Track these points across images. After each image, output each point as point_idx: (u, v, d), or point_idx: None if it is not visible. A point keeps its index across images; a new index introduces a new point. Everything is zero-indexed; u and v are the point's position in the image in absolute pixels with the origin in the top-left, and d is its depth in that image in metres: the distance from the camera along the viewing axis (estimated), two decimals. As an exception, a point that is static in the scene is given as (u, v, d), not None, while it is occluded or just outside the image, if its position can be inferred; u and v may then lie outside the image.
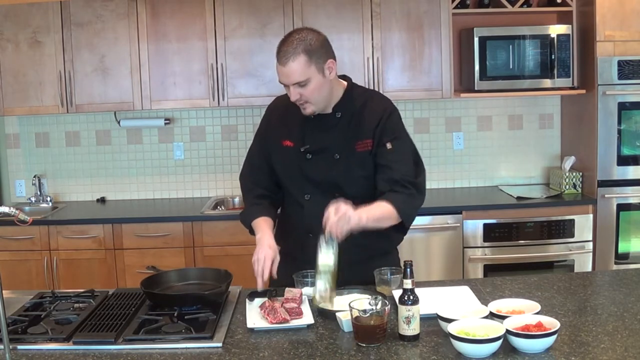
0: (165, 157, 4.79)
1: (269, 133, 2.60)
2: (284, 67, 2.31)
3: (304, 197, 2.49)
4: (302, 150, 2.48)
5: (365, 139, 2.46)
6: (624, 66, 4.12)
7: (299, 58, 2.29)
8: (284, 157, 2.53)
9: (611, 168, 4.21)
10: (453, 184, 4.79)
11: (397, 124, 2.51)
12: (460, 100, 4.68)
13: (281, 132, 2.54)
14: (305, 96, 2.35)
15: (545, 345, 1.85)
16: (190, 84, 4.36)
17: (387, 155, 2.43)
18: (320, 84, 2.36)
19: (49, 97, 4.36)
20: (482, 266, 4.19)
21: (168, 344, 2.00)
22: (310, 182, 2.49)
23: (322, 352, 1.92)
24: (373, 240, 2.45)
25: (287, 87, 2.37)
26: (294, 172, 2.51)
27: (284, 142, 2.52)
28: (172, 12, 4.30)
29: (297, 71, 2.30)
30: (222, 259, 4.00)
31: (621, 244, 4.23)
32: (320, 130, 2.48)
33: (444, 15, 4.30)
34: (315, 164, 2.48)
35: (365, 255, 2.50)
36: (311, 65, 2.31)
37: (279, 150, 2.54)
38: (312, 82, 2.33)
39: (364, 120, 2.47)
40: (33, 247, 4.16)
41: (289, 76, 2.32)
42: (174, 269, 2.58)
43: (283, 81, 2.36)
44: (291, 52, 2.29)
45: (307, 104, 2.39)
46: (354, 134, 2.47)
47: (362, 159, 2.46)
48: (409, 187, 2.41)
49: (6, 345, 1.80)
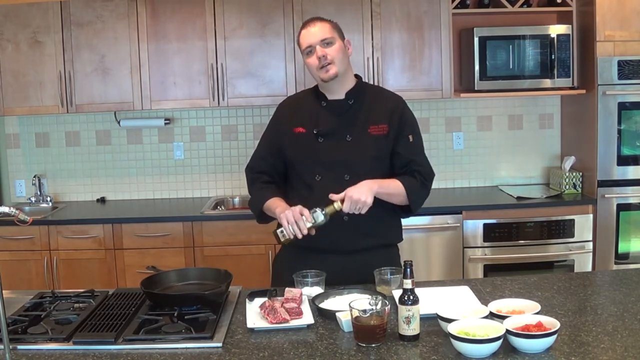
0: (165, 157, 4.79)
1: (280, 126, 2.67)
2: (313, 27, 2.53)
3: (315, 179, 2.54)
4: (315, 133, 2.57)
5: (380, 123, 2.58)
6: (624, 66, 4.12)
7: (324, 23, 2.56)
8: (296, 143, 2.61)
9: (611, 168, 4.21)
10: (453, 184, 4.79)
11: (414, 119, 2.68)
12: (460, 100, 4.68)
13: (293, 121, 2.63)
14: (330, 55, 2.51)
15: (545, 345, 1.85)
16: (190, 84, 4.36)
17: (409, 147, 2.60)
18: (343, 50, 2.56)
19: (49, 97, 4.36)
20: (482, 266, 4.19)
21: (168, 344, 2.00)
22: (321, 163, 2.55)
23: (322, 352, 1.92)
24: (376, 230, 2.56)
25: (311, 53, 2.52)
26: (306, 155, 2.58)
27: (296, 130, 2.61)
28: (172, 12, 4.30)
29: (324, 30, 2.53)
30: (222, 259, 4.00)
31: (621, 244, 4.23)
32: (333, 115, 2.59)
33: (444, 15, 4.30)
34: (327, 145, 2.56)
35: (368, 244, 2.56)
36: (335, 31, 2.56)
37: (291, 137, 2.62)
38: (336, 43, 2.54)
39: (377, 108, 2.61)
40: (33, 247, 4.16)
41: (316, 34, 2.52)
42: (174, 269, 2.58)
43: (310, 41, 2.52)
44: (317, 20, 2.56)
45: (330, 65, 2.52)
46: (366, 118, 2.58)
47: (376, 140, 2.57)
48: (425, 179, 2.60)
49: (6, 345, 1.80)
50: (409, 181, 2.55)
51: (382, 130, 2.57)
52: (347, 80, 2.60)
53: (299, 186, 2.61)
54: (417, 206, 2.62)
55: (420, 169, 2.59)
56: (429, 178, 2.61)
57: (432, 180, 2.64)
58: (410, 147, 2.59)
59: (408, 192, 2.53)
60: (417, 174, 2.57)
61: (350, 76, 2.62)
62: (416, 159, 2.59)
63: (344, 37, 2.60)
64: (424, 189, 2.60)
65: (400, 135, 2.58)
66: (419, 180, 2.57)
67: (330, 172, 2.52)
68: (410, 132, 2.60)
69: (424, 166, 2.61)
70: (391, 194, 2.53)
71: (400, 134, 2.58)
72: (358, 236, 2.54)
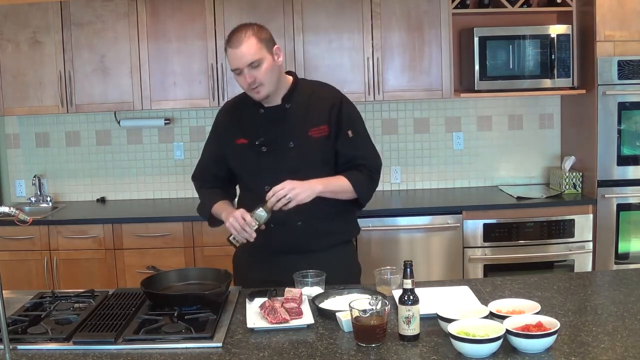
0: (165, 157, 4.79)
1: (221, 135, 2.69)
2: (237, 50, 2.43)
3: (264, 189, 2.50)
4: (256, 144, 2.56)
5: (320, 125, 2.56)
6: (624, 66, 4.12)
7: (250, 40, 2.43)
8: (239, 155, 2.61)
9: (611, 168, 4.21)
10: (453, 184, 4.79)
11: (353, 110, 2.64)
12: (460, 100, 4.68)
13: (233, 131, 2.62)
14: (259, 78, 2.45)
15: (545, 345, 1.85)
16: (190, 84, 4.36)
17: (349, 143, 2.57)
18: (271, 66, 2.47)
19: (49, 97, 4.36)
20: (482, 266, 4.19)
21: (168, 344, 2.00)
22: (268, 174, 2.54)
23: (322, 352, 1.92)
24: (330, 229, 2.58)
25: (240, 74, 2.47)
26: (252, 167, 2.59)
27: (238, 141, 2.60)
28: (172, 12, 4.30)
29: (249, 52, 2.42)
30: (222, 259, 3.97)
31: (621, 244, 4.23)
32: (272, 123, 2.57)
33: (444, 15, 4.30)
34: (271, 155, 2.56)
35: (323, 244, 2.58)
36: (262, 47, 2.45)
37: (234, 149, 2.62)
38: (264, 63, 2.45)
39: (315, 108, 2.58)
40: (33, 247, 4.16)
41: (242, 57, 2.43)
42: (174, 269, 2.58)
43: (236, 64, 2.45)
44: (242, 37, 2.43)
45: (260, 87, 2.48)
46: (306, 122, 2.56)
47: (319, 143, 2.55)
48: (371, 171, 2.60)
49: (6, 345, 1.80)
50: (355, 176, 2.55)
51: (322, 132, 2.55)
52: (280, 88, 2.56)
53: (250, 195, 2.62)
54: (366, 200, 2.63)
55: (366, 162, 2.58)
56: (375, 169, 2.61)
57: (379, 170, 2.63)
58: (350, 143, 2.57)
59: (355, 187, 2.54)
60: (362, 168, 2.57)
61: (283, 83, 2.57)
62: (358, 153, 2.58)
63: (273, 45, 2.49)
64: (371, 181, 2.60)
65: (340, 133, 2.56)
66: (365, 174, 2.57)
67: (278, 181, 2.47)
68: (348, 127, 2.57)
69: (369, 159, 2.60)
70: (337, 191, 2.53)
71: (340, 132, 2.56)
72: (313, 237, 2.56)
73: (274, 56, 2.49)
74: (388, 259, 3.88)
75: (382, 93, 4.34)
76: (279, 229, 2.52)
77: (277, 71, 2.52)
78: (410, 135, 4.73)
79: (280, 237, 2.54)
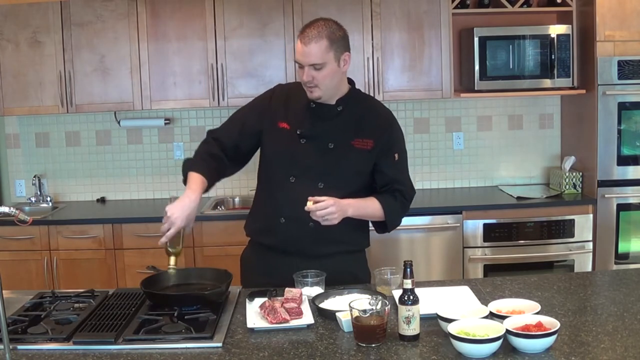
0: (165, 157, 4.79)
1: (266, 112, 2.61)
2: (306, 47, 2.39)
3: (289, 179, 2.49)
4: (298, 133, 2.52)
5: (366, 138, 2.52)
6: (624, 66, 4.12)
7: (322, 42, 2.39)
8: (277, 138, 2.56)
9: (611, 168, 4.21)
10: (453, 184, 4.79)
11: (402, 136, 2.64)
12: (460, 100, 4.68)
13: (279, 114, 2.58)
14: (317, 80, 2.43)
15: (545, 345, 1.85)
16: (190, 84, 4.36)
17: (394, 166, 2.56)
18: (334, 72, 2.44)
19: (49, 97, 4.36)
20: (482, 266, 4.19)
21: (168, 344, 2.00)
22: (298, 165, 2.51)
23: (322, 352, 1.92)
24: (342, 237, 2.53)
25: (301, 68, 2.43)
26: (285, 154, 2.54)
27: (280, 124, 2.56)
28: (172, 12, 4.30)
29: (316, 53, 2.39)
30: (222, 259, 4.00)
31: (621, 244, 4.23)
32: (319, 119, 2.54)
33: (444, 15, 4.30)
34: (307, 148, 2.51)
35: (332, 250, 2.54)
36: (330, 51, 2.41)
37: (273, 131, 2.57)
38: (326, 68, 2.41)
39: (366, 121, 2.54)
40: (33, 247, 4.16)
41: (308, 56, 2.39)
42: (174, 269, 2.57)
43: (300, 60, 2.43)
44: (315, 35, 2.39)
45: (315, 88, 2.45)
46: (353, 129, 2.53)
47: (359, 155, 2.52)
48: (405, 199, 2.59)
49: (6, 345, 1.80)
50: (388, 202, 2.53)
51: (366, 145, 2.51)
52: (336, 93, 2.53)
53: (270, 184, 2.59)
54: (393, 227, 2.61)
55: (402, 189, 2.57)
56: (409, 198, 2.61)
57: (412, 199, 2.63)
58: (395, 166, 2.56)
59: (386, 214, 2.54)
60: (398, 194, 2.56)
61: (341, 88, 2.54)
62: (399, 177, 2.57)
63: (344, 51, 2.46)
64: (403, 209, 2.59)
65: (387, 153, 2.54)
66: (398, 201, 2.56)
67: (306, 176, 2.47)
68: (397, 150, 2.57)
69: (406, 185, 2.59)
70: (365, 215, 2.54)
71: (387, 153, 2.54)
72: (323, 242, 2.51)
73: (340, 62, 2.45)
74: (388, 259, 3.88)
75: (382, 93, 4.34)
76: (289, 223, 2.49)
77: (339, 78, 2.49)
78: (411, 135, 4.73)
79: (290, 235, 2.50)
